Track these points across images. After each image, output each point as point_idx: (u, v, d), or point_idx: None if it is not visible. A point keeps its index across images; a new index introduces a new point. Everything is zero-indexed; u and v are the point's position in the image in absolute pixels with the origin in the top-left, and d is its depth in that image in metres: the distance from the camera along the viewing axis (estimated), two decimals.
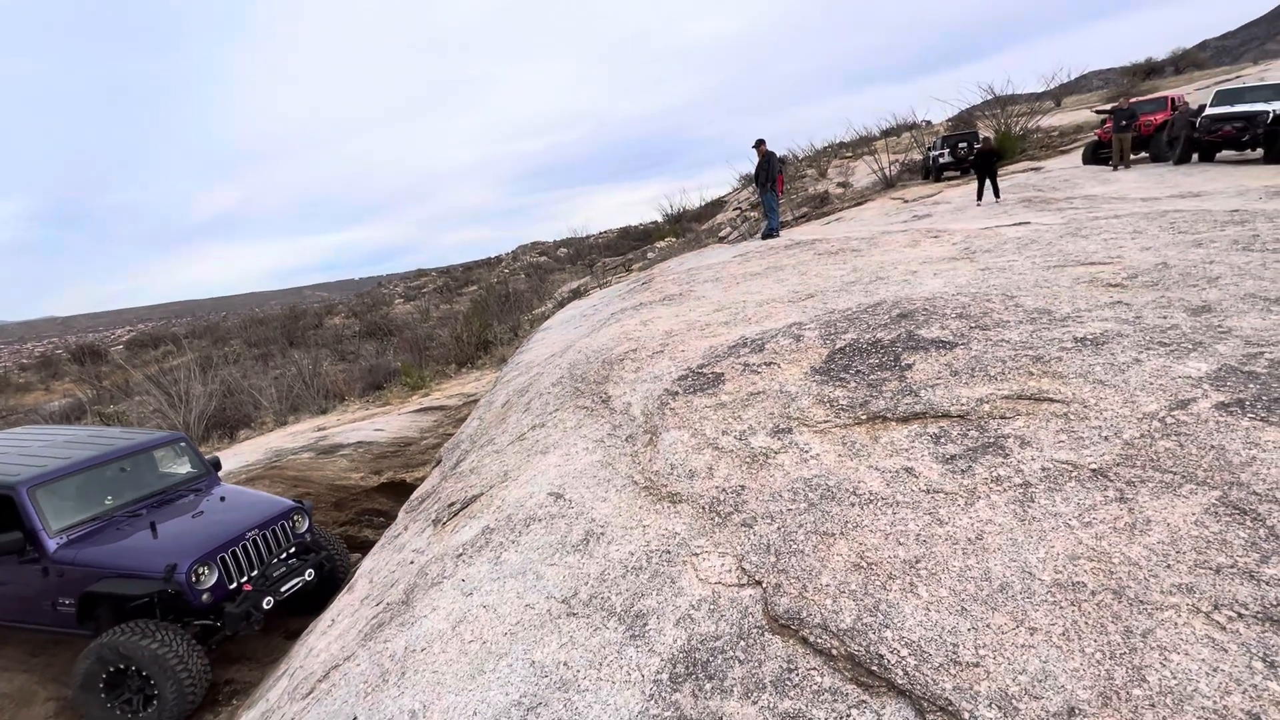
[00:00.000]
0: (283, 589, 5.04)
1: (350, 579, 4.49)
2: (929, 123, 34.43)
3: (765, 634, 2.00)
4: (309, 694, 2.82)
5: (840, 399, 3.10)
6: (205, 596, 4.62)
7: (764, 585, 2.17)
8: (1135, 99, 17.99)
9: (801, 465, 2.73)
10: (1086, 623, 1.69)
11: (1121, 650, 1.60)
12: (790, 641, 1.95)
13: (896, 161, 22.52)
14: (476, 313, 17.68)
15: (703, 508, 2.70)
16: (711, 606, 2.18)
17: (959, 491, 2.30)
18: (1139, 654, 1.57)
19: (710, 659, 1.97)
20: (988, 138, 14.21)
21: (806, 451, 2.81)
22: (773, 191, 11.27)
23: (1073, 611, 1.73)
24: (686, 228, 30.39)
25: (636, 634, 2.16)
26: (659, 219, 36.37)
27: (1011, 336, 3.22)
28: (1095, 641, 1.64)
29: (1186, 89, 22.99)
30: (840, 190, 24.00)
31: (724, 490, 2.75)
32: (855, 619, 1.92)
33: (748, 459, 2.90)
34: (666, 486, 2.94)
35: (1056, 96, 32.19)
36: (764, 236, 11.08)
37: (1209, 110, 12.81)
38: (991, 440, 2.50)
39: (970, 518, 2.16)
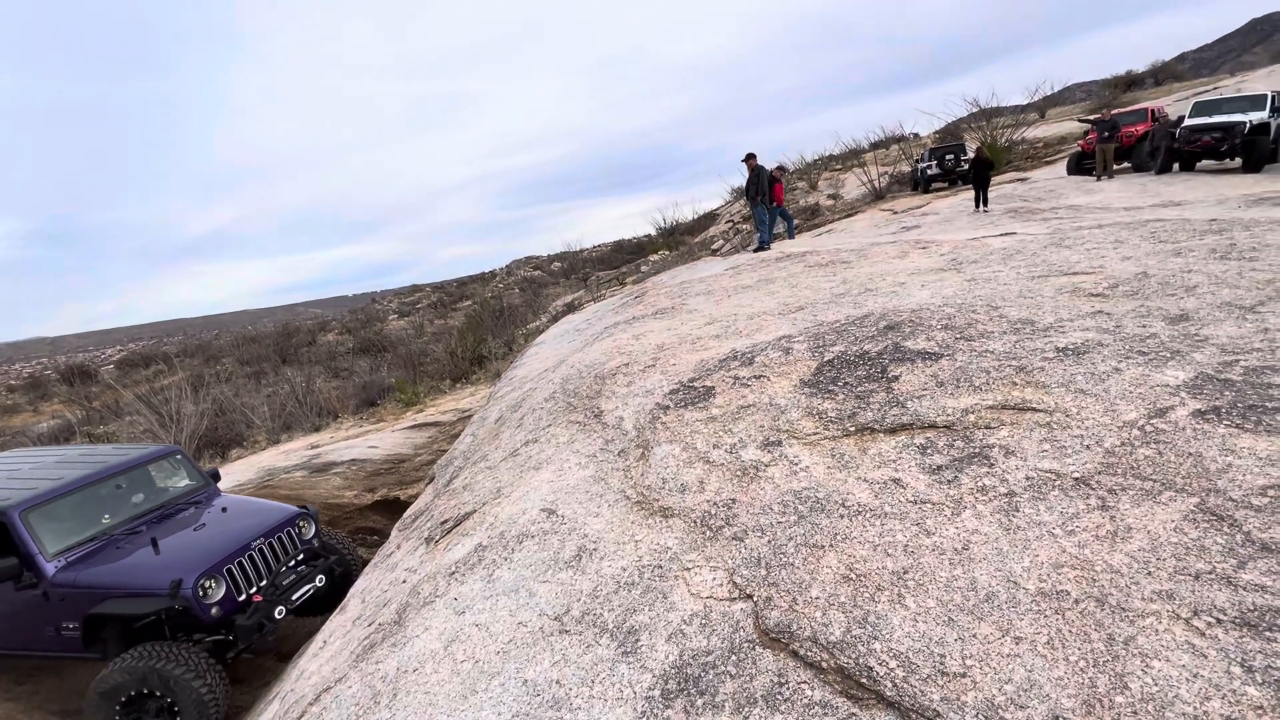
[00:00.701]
0: (294, 597, 4.95)
1: (342, 600, 4.46)
2: (917, 135, 34.90)
3: (756, 648, 2.01)
4: (300, 718, 2.80)
5: (829, 411, 3.14)
6: (214, 610, 4.51)
7: (755, 599, 2.19)
8: (1116, 110, 18.33)
9: (791, 478, 2.76)
10: (1070, 631, 1.72)
11: (1104, 658, 1.62)
12: (781, 655, 1.96)
13: (885, 173, 22.81)
14: (471, 328, 17.70)
15: (694, 522, 2.72)
16: (703, 621, 2.19)
17: (945, 502, 2.33)
18: (1121, 661, 1.60)
19: (702, 674, 1.98)
20: (980, 149, 14.45)
21: (796, 464, 2.84)
22: (763, 205, 11.39)
23: (1057, 620, 1.76)
24: (679, 241, 30.59)
25: (629, 650, 2.17)
26: (652, 232, 36.62)
27: (996, 347, 3.27)
28: (1079, 649, 1.66)
29: (1166, 100, 23.45)
30: (831, 202, 24.25)
31: (715, 504, 2.77)
32: (845, 631, 1.93)
33: (738, 472, 2.92)
34: (658, 501, 2.95)
35: (1040, 108, 32.72)
36: (755, 249, 11.18)
37: (1188, 121, 13.09)
38: (977, 450, 2.54)
39: (957, 528, 2.19)
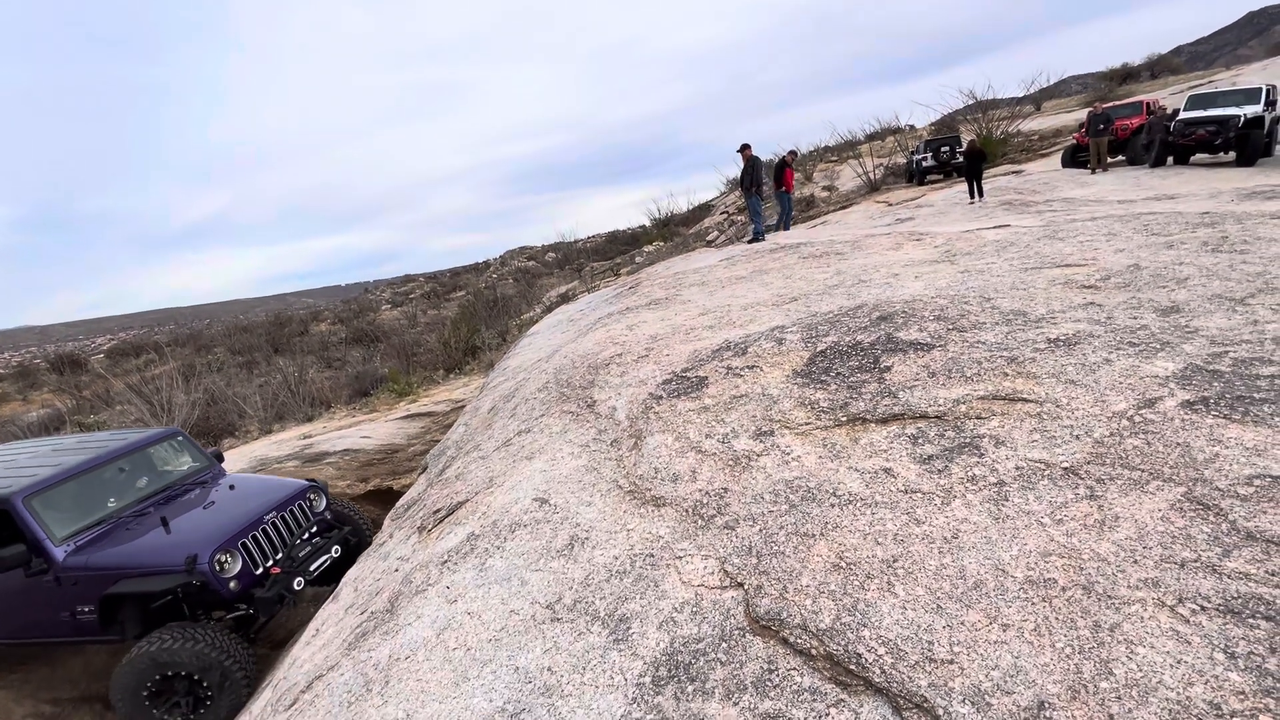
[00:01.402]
0: (311, 568, 4.93)
1: (335, 588, 4.46)
2: (912, 127, 34.87)
3: (747, 635, 2.02)
4: (292, 705, 2.80)
5: (821, 401, 3.14)
6: (233, 585, 4.48)
7: (746, 587, 2.20)
8: (1110, 104, 18.36)
9: (783, 467, 2.77)
10: (1057, 618, 1.73)
11: (1090, 645, 1.64)
12: (771, 642, 1.97)
13: (881, 165, 22.78)
14: (464, 318, 17.64)
15: (686, 511, 2.72)
16: (694, 609, 2.20)
17: (936, 491, 2.34)
18: (1106, 648, 1.62)
19: (693, 661, 1.99)
20: (974, 140, 14.44)
21: (788, 454, 2.85)
22: (758, 196, 11.37)
23: (1044, 607, 1.77)
24: (674, 232, 30.52)
25: (620, 638, 2.18)
26: (647, 223, 36.50)
27: (988, 338, 3.28)
28: (1065, 636, 1.68)
29: (1161, 93, 23.48)
30: (826, 194, 24.22)
31: (707, 493, 2.78)
32: (834, 619, 1.95)
33: (730, 462, 2.93)
34: (650, 490, 2.96)
35: (1036, 101, 32.73)
36: (750, 240, 11.17)
37: (1183, 114, 13.11)
38: (967, 440, 2.55)
39: (946, 517, 2.20)
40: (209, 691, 4.15)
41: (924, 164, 19.48)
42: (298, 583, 4.76)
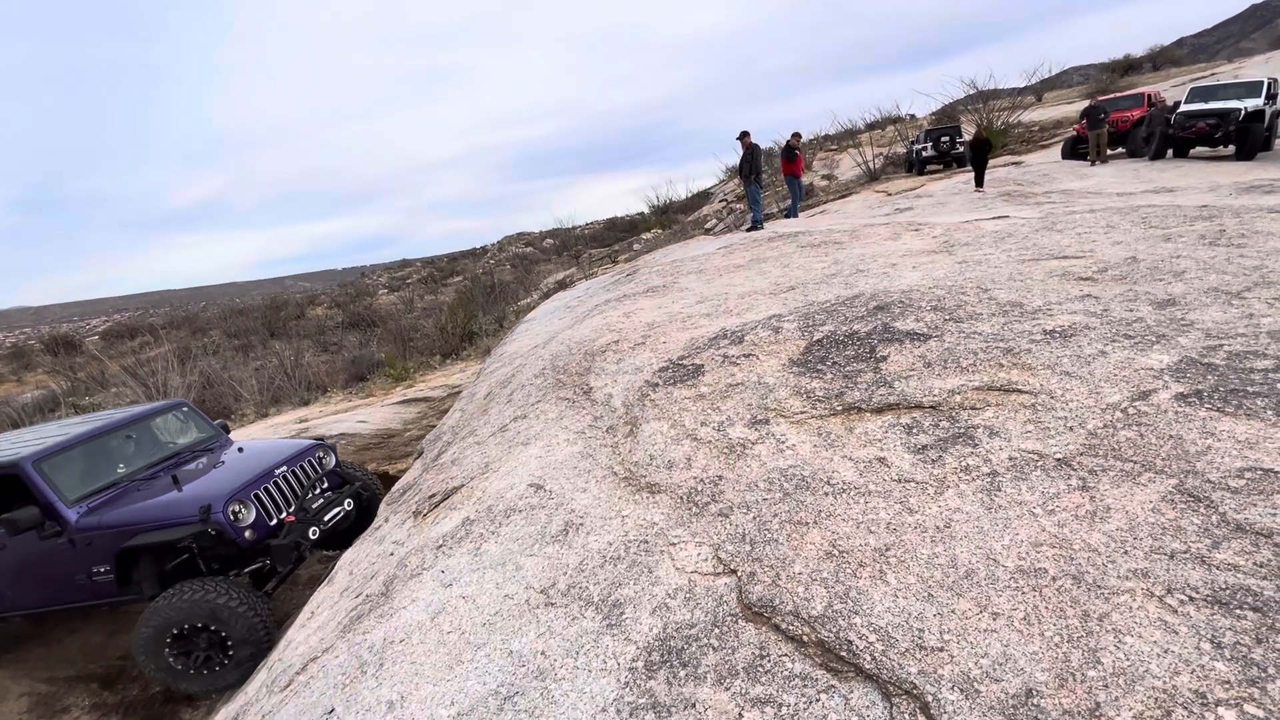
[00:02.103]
0: (325, 518, 4.97)
1: (330, 572, 4.47)
2: (913, 116, 34.63)
3: (739, 621, 2.04)
4: (287, 686, 2.82)
5: (817, 390, 3.14)
6: (248, 534, 4.51)
7: (739, 574, 2.21)
8: (1111, 95, 18.27)
9: (778, 456, 2.77)
10: (1047, 607, 1.75)
11: (1079, 634, 1.65)
12: (763, 629, 1.98)
13: (881, 155, 22.66)
14: (461, 304, 17.57)
15: (681, 498, 2.73)
16: (687, 595, 2.21)
17: (929, 481, 2.35)
18: (1095, 637, 1.63)
19: (685, 646, 2.00)
20: (979, 130, 14.38)
21: (783, 442, 2.85)
22: (756, 184, 11.31)
23: (1034, 597, 1.79)
24: (673, 219, 30.37)
25: (613, 623, 2.19)
26: (645, 210, 36.30)
27: (984, 329, 3.28)
28: (1054, 625, 1.69)
29: (1163, 85, 23.36)
30: (825, 183, 24.11)
31: (702, 481, 2.78)
32: (826, 606, 1.96)
33: (725, 450, 2.93)
34: (645, 477, 2.96)
35: (1038, 92, 32.53)
36: (749, 229, 11.12)
37: (1184, 107, 13.05)
38: (962, 430, 2.56)
39: (939, 506, 2.22)
40: (230, 645, 4.20)
41: (924, 154, 19.38)
42: (312, 532, 4.79)
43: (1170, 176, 10.33)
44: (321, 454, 5.55)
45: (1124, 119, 15.15)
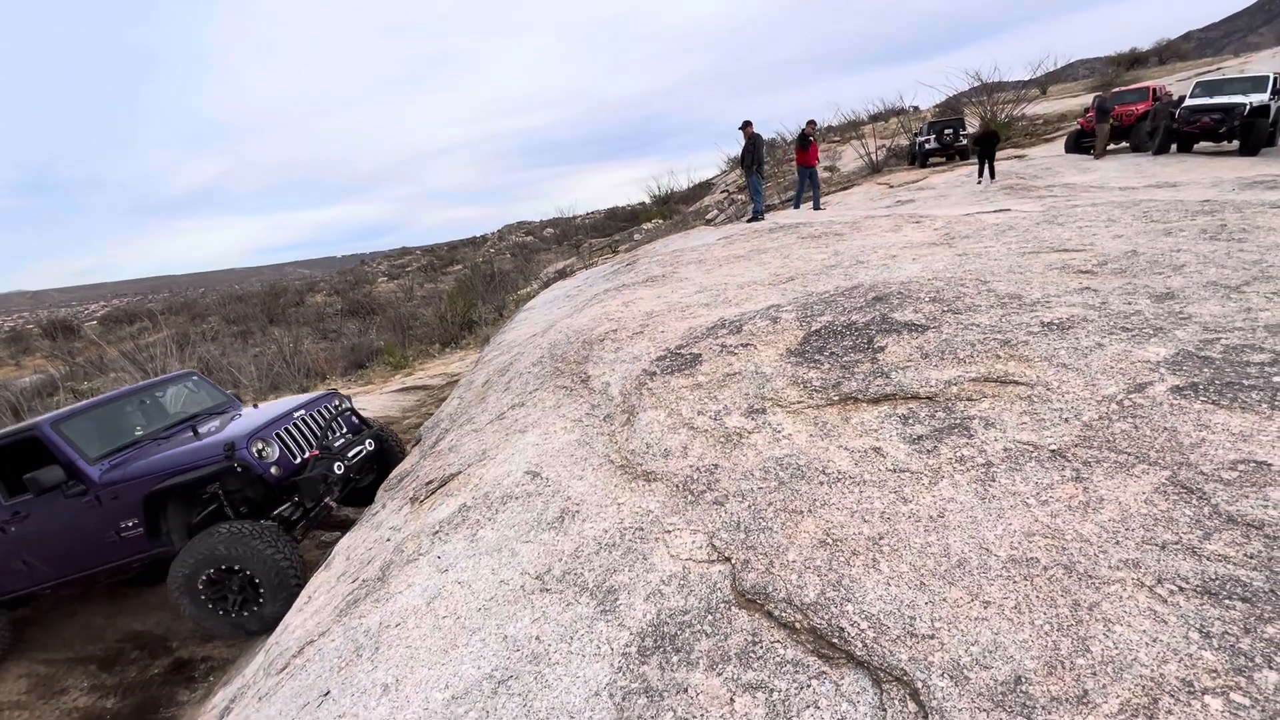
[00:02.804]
0: (349, 454, 5.03)
1: (328, 557, 4.49)
2: (916, 108, 34.45)
3: (732, 608, 2.05)
4: (284, 669, 2.84)
5: (814, 380, 3.15)
6: (274, 470, 4.55)
7: (733, 561, 2.22)
8: (1117, 89, 18.17)
9: (774, 445, 2.78)
10: (1038, 596, 1.76)
11: (1069, 622, 1.66)
12: (756, 615, 2.00)
13: (883, 147, 22.55)
14: (461, 292, 17.54)
15: (676, 486, 2.74)
16: (681, 582, 2.22)
17: (924, 471, 2.36)
18: (1085, 625, 1.64)
19: (678, 632, 2.01)
20: (987, 123, 14.33)
21: (779, 431, 2.86)
22: (758, 175, 11.26)
23: (1025, 586, 1.80)
24: (674, 209, 30.26)
25: (607, 609, 2.20)
26: (646, 200, 36.17)
27: (982, 320, 3.28)
28: (1044, 614, 1.70)
29: (1169, 79, 23.22)
30: (827, 174, 24.00)
31: (697, 469, 2.79)
32: (819, 593, 1.97)
33: (722, 439, 2.94)
34: (642, 465, 2.97)
35: (1042, 84, 32.35)
36: (750, 219, 11.09)
37: (1188, 101, 12.98)
38: (958, 421, 2.56)
39: (933, 496, 2.22)
40: (261, 588, 4.25)
41: (926, 146, 19.29)
42: (338, 466, 4.84)
43: (1173, 171, 10.29)
44: (337, 400, 5.63)
45: (1128, 113, 15.07)
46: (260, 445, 4.56)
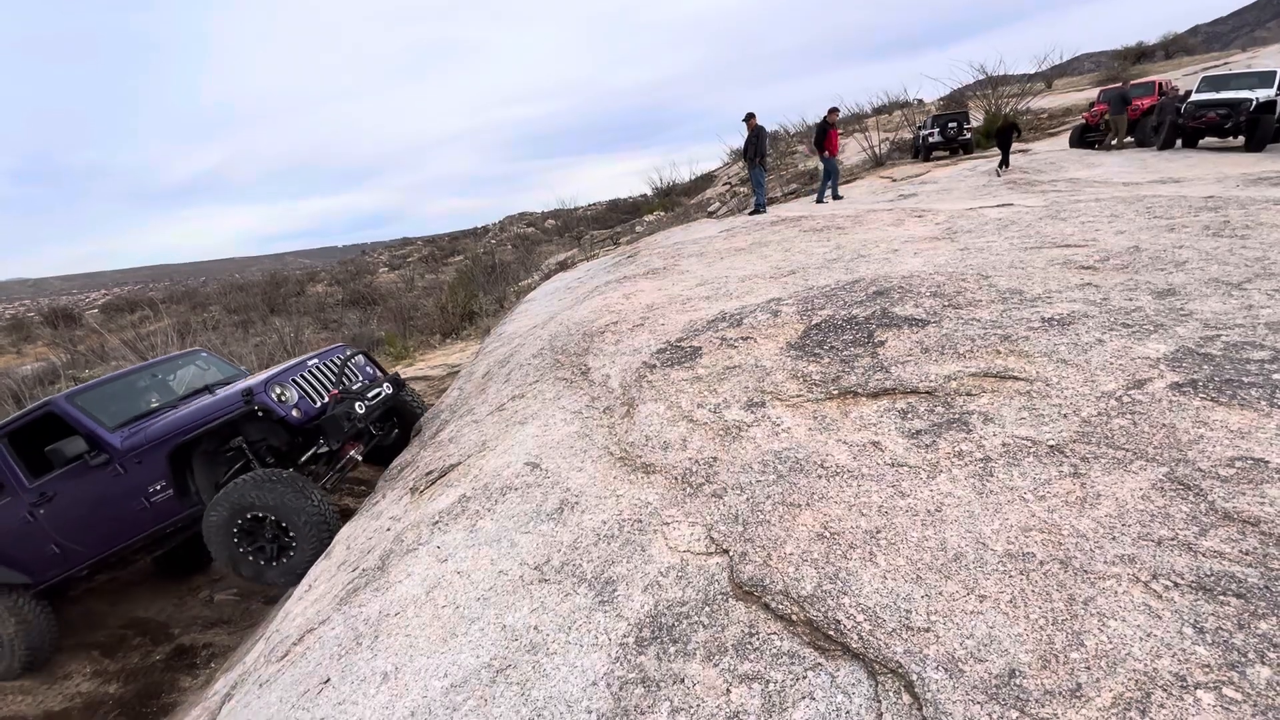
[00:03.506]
0: (369, 395, 5.05)
1: (328, 546, 4.52)
2: (921, 101, 34.19)
3: (729, 600, 2.06)
4: (284, 657, 2.86)
5: (813, 374, 3.15)
6: (295, 413, 4.55)
7: (731, 553, 2.23)
8: (1119, 84, 18.07)
9: (773, 438, 2.79)
10: (1033, 591, 1.77)
11: (1064, 617, 1.67)
12: (753, 607, 2.01)
13: (887, 140, 22.43)
14: (462, 283, 17.52)
15: (675, 478, 2.75)
16: (679, 574, 2.23)
17: (922, 465, 2.36)
18: (1079, 620, 1.65)
19: (676, 624, 2.03)
20: (1007, 115, 14.31)
21: (778, 425, 2.86)
22: (761, 167, 11.21)
23: (1021, 580, 1.81)
24: (675, 202, 30.15)
25: (606, 600, 2.22)
26: (648, 192, 36.05)
27: (983, 315, 3.28)
28: (1040, 608, 1.71)
29: (1175, 74, 23.06)
30: None
31: (696, 462, 2.80)
32: (816, 586, 1.98)
33: (721, 431, 2.94)
34: (641, 457, 2.98)
35: (1048, 78, 32.10)
36: (751, 212, 11.06)
37: (1194, 96, 12.89)
38: (956, 416, 2.57)
39: (931, 490, 2.23)
40: (292, 537, 4.30)
41: (930, 140, 19.17)
42: (359, 405, 4.85)
43: (1178, 167, 10.24)
44: (350, 351, 5.66)
45: (1134, 107, 14.97)
46: (279, 389, 4.56)
